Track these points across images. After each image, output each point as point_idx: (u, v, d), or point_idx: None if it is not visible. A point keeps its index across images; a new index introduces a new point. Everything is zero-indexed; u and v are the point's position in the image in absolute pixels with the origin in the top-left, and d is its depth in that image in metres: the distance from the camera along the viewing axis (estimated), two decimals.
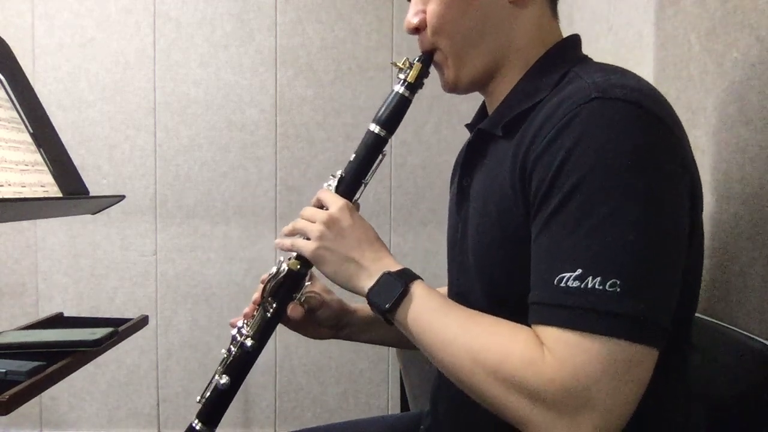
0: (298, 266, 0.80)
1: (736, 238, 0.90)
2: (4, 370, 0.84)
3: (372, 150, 0.80)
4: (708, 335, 0.86)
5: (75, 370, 0.94)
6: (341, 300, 0.92)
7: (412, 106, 0.80)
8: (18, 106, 1.09)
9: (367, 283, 0.71)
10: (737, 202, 0.90)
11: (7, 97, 1.07)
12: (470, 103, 0.82)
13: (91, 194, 1.16)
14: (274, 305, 0.80)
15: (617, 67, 0.67)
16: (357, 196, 0.81)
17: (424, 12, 0.74)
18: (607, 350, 0.53)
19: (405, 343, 0.77)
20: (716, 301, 0.94)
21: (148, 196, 2.13)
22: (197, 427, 0.80)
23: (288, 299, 0.82)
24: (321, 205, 0.78)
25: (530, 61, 0.73)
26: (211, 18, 2.12)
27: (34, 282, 2.13)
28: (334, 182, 0.80)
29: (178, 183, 2.14)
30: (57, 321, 1.21)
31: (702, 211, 0.65)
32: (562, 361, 0.54)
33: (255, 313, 0.82)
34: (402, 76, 0.78)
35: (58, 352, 0.94)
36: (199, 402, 0.81)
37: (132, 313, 1.52)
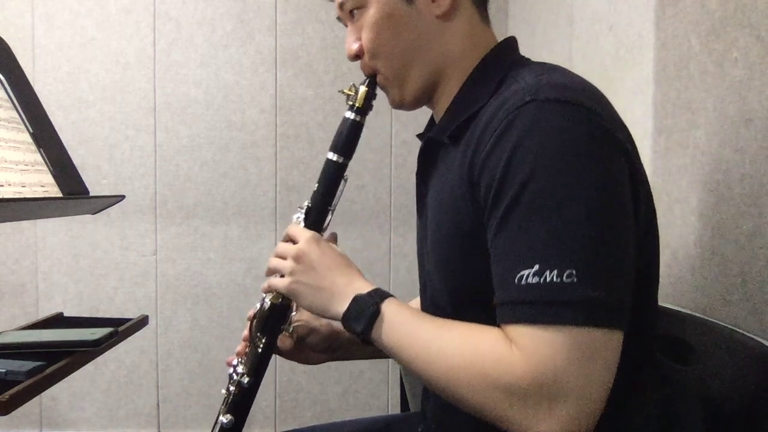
0: (280, 299, 0.83)
1: (736, 238, 0.90)
2: (4, 370, 0.84)
3: (333, 178, 0.83)
4: (708, 335, 0.86)
5: (75, 370, 0.94)
6: (330, 323, 0.93)
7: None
8: (18, 106, 1.09)
9: (341, 308, 0.72)
10: (737, 202, 0.90)
11: (7, 97, 1.07)
12: None
13: (91, 194, 1.16)
14: (264, 340, 0.83)
15: (550, 66, 0.71)
16: (326, 223, 0.84)
17: (360, 38, 0.78)
18: (571, 339, 0.56)
19: None
20: (716, 301, 0.94)
21: (148, 196, 2.13)
22: None
23: (276, 332, 0.85)
24: (291, 240, 0.81)
25: (468, 70, 0.76)
26: (211, 18, 2.12)
27: (34, 282, 2.13)
28: (302, 214, 0.84)
29: (178, 183, 2.14)
30: (57, 321, 1.21)
31: (649, 196, 0.68)
32: (529, 355, 0.57)
33: (247, 349, 0.84)
34: (350, 102, 0.82)
35: (58, 352, 0.94)
36: None
37: (132, 313, 1.52)
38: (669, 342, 0.87)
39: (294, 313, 0.87)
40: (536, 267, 0.57)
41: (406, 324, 0.68)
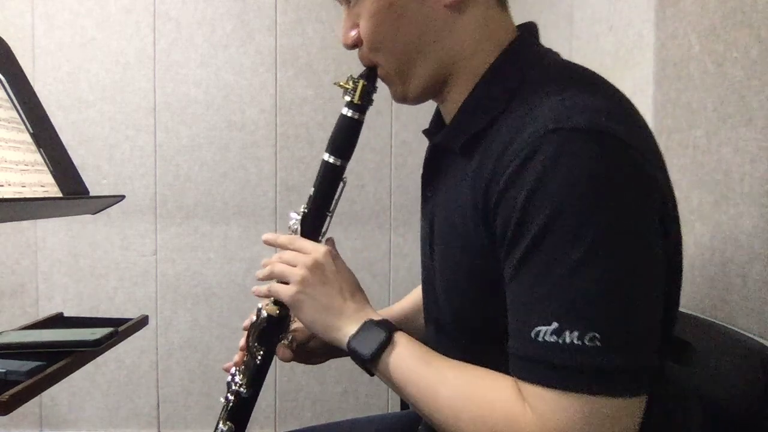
0: (277, 311, 0.78)
1: (736, 238, 0.90)
2: (4, 370, 0.84)
3: (330, 181, 0.77)
4: (708, 335, 0.86)
5: (75, 370, 0.94)
6: None
7: (411, 105, 0.78)
8: (18, 106, 1.09)
9: (349, 329, 0.68)
10: (737, 202, 0.90)
11: (7, 97, 1.07)
12: None
13: (91, 194, 1.16)
14: (262, 351, 0.79)
15: (575, 73, 0.64)
16: (324, 228, 0.79)
17: (357, 26, 0.70)
18: (590, 408, 0.51)
19: None
20: (716, 301, 0.94)
21: (148, 196, 2.13)
22: None
23: (275, 342, 0.80)
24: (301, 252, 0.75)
25: (481, 66, 0.67)
26: (211, 18, 2.12)
27: (34, 282, 2.13)
28: (298, 219, 0.77)
29: (178, 183, 2.14)
30: (57, 321, 1.21)
31: (677, 229, 0.62)
32: (543, 419, 0.53)
33: (245, 359, 0.81)
34: (347, 97, 0.73)
35: (58, 352, 0.94)
36: None
37: (132, 313, 1.52)
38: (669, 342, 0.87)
39: (293, 322, 0.83)
40: (555, 325, 0.52)
41: (415, 359, 0.64)
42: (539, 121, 0.55)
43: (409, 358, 0.65)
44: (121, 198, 1.24)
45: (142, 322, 1.18)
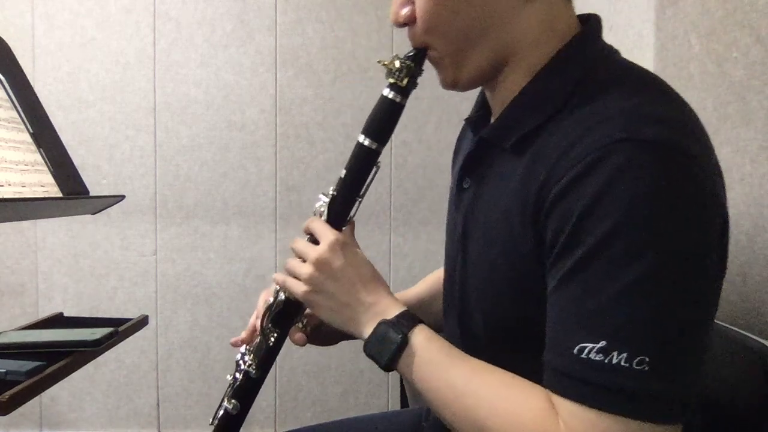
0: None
1: (736, 238, 0.90)
2: (4, 370, 0.84)
3: (363, 164, 0.72)
4: None
5: (75, 370, 0.94)
6: None
7: (411, 105, 0.74)
8: (18, 106, 1.09)
9: (364, 331, 0.66)
10: (737, 202, 0.90)
11: (7, 97, 1.07)
12: (471, 103, 0.80)
13: (91, 194, 1.16)
14: (275, 334, 0.77)
15: (639, 73, 0.61)
16: (352, 213, 0.74)
17: (412, 2, 0.64)
18: (627, 430, 0.50)
19: None
20: None
21: (148, 196, 2.13)
22: None
23: (289, 326, 0.79)
24: (313, 238, 0.72)
25: (541, 59, 0.63)
26: (211, 18, 2.12)
27: (34, 282, 2.13)
28: (325, 203, 0.73)
29: (178, 183, 2.14)
30: (57, 321, 1.21)
31: (726, 253, 0.59)
32: None
33: (256, 338, 0.79)
34: (391, 78, 0.69)
35: (58, 352, 0.94)
36: (211, 424, 0.81)
37: (132, 313, 1.52)
38: None
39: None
40: (602, 343, 0.49)
41: (436, 361, 0.61)
42: (607, 127, 0.52)
43: (428, 361, 0.62)
44: (121, 198, 1.24)
45: (142, 322, 1.18)
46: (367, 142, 0.71)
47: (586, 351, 0.50)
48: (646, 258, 0.49)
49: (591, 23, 0.66)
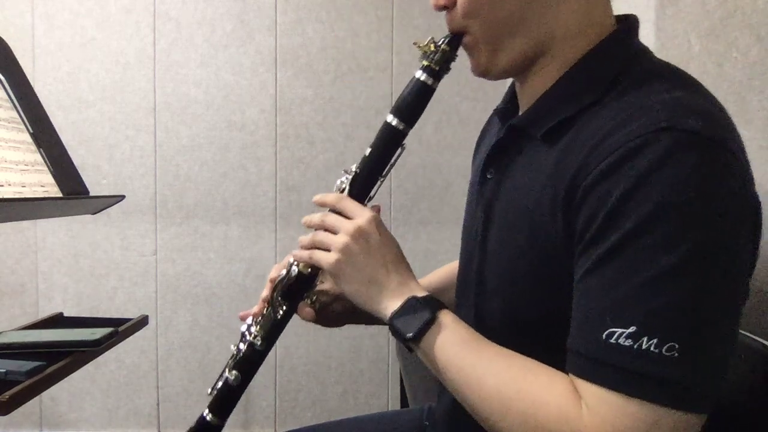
0: (309, 269, 0.75)
1: None
2: (4, 370, 0.84)
3: (389, 144, 0.72)
4: None
5: (75, 370, 0.94)
6: None
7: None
8: (18, 106, 1.09)
9: (391, 305, 0.65)
10: None
11: (7, 97, 1.07)
12: (471, 103, 0.81)
13: (91, 194, 1.16)
14: (285, 307, 0.77)
15: (676, 72, 0.61)
16: (373, 192, 0.74)
17: None
18: (654, 417, 0.50)
19: None
20: None
21: (148, 196, 2.13)
22: (208, 418, 0.80)
23: (298, 300, 0.78)
24: (344, 215, 0.70)
25: (577, 52, 0.64)
26: (211, 18, 2.12)
27: (34, 282, 2.13)
28: (348, 178, 0.73)
29: (178, 183, 2.14)
30: (57, 321, 1.21)
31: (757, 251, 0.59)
32: (603, 422, 0.51)
33: (265, 311, 0.79)
34: (425, 61, 0.69)
35: (58, 352, 0.94)
36: (210, 394, 0.80)
37: (132, 313, 1.52)
38: None
39: (318, 281, 0.80)
40: (633, 328, 0.50)
41: (461, 342, 0.61)
42: (648, 116, 0.53)
43: (454, 342, 0.62)
44: (121, 198, 1.24)
45: (142, 322, 1.18)
46: (395, 122, 0.71)
47: (615, 336, 0.50)
48: (683, 246, 0.49)
49: (629, 21, 0.66)
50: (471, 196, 0.79)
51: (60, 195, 1.07)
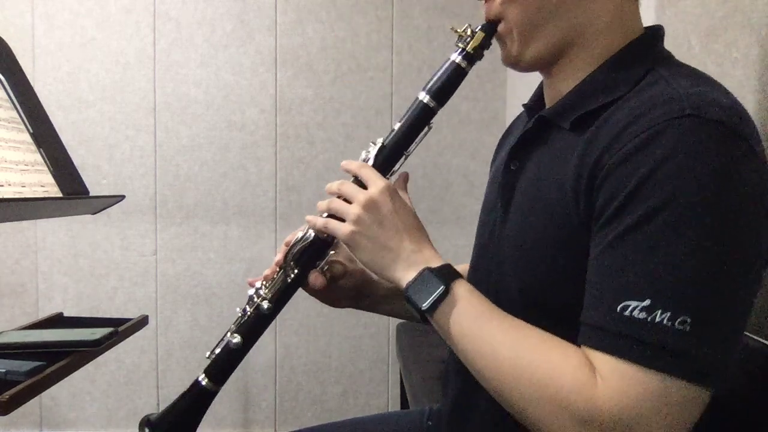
0: (325, 235, 0.75)
1: None
2: (4, 370, 0.84)
3: (419, 120, 0.74)
4: None
5: (75, 370, 0.94)
6: (364, 270, 0.87)
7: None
8: (18, 106, 1.09)
9: (406, 276, 0.66)
10: None
11: (7, 97, 1.07)
12: (471, 103, 0.81)
13: (91, 194, 1.16)
14: (296, 270, 0.77)
15: (702, 74, 0.63)
16: (397, 167, 0.76)
17: None
18: (664, 388, 0.52)
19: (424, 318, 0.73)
20: None
21: (148, 196, 2.13)
22: (203, 383, 0.78)
23: (311, 266, 0.78)
24: (361, 183, 0.72)
25: (605, 50, 0.67)
26: (211, 18, 2.12)
27: (34, 282, 2.13)
28: (373, 150, 0.75)
29: (178, 183, 2.14)
30: (57, 321, 1.22)
31: None
32: (616, 391, 0.52)
33: (275, 275, 0.78)
34: (461, 44, 0.72)
35: (58, 352, 0.94)
36: (209, 358, 0.79)
37: (132, 313, 1.52)
38: None
39: (332, 252, 0.80)
40: (647, 302, 0.52)
41: (475, 313, 0.63)
42: (673, 104, 0.55)
43: (468, 312, 0.63)
44: (121, 198, 1.24)
45: (142, 322, 1.18)
46: (426, 99, 0.73)
47: (629, 309, 0.53)
48: (700, 226, 0.52)
49: (656, 28, 0.70)
50: (490, 194, 0.81)
51: (60, 195, 1.07)
